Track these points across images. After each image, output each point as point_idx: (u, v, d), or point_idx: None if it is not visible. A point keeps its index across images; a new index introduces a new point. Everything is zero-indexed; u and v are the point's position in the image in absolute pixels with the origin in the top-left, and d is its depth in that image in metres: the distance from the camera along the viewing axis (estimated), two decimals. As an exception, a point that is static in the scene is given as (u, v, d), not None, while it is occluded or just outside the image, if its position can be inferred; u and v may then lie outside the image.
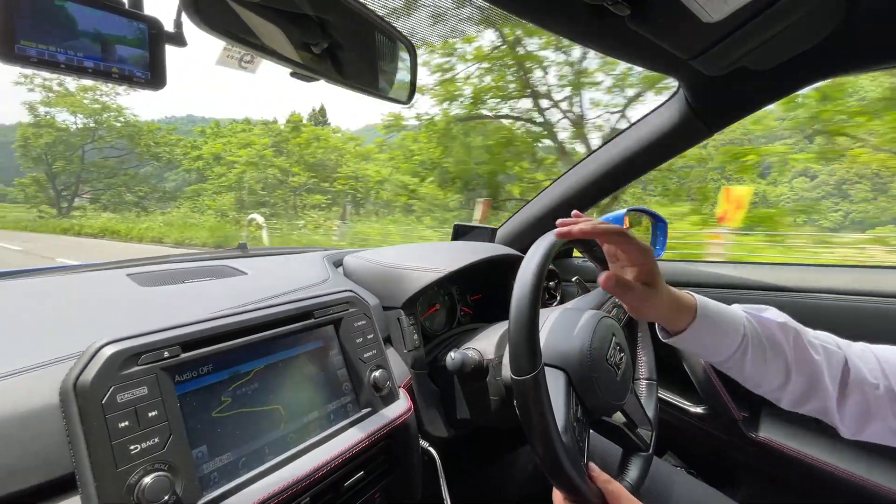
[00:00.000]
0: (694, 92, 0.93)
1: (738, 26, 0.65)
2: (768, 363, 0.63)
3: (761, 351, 0.63)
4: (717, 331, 0.63)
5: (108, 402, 0.46)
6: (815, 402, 0.64)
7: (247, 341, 0.61)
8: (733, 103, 0.93)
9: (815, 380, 0.63)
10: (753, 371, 0.64)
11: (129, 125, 27.66)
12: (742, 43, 0.69)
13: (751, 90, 0.87)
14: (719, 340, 0.64)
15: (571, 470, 0.56)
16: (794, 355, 0.63)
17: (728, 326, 0.63)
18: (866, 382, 0.61)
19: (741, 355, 0.63)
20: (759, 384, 0.66)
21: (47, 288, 0.74)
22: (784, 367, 0.63)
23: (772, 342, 0.63)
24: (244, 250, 1.22)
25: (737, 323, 0.64)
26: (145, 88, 0.43)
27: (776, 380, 0.64)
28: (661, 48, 0.73)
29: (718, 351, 0.64)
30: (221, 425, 0.55)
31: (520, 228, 1.40)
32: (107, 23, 0.40)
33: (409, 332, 0.89)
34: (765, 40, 0.68)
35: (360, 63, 0.62)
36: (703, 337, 0.64)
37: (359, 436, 0.66)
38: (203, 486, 0.51)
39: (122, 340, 0.49)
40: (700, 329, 0.63)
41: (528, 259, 0.61)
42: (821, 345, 0.64)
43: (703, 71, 0.80)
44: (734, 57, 0.73)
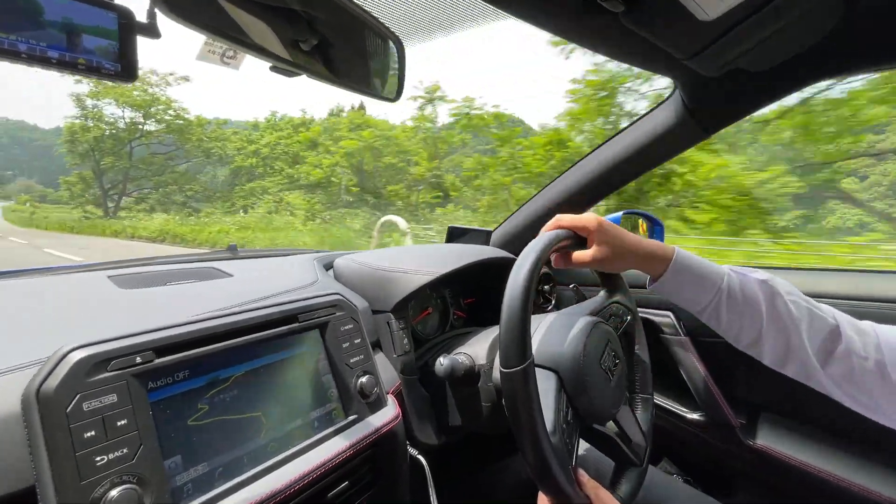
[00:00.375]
0: (690, 93, 0.92)
1: (734, 25, 0.64)
2: (743, 317, 0.68)
3: (735, 303, 0.68)
4: (693, 280, 0.70)
5: (73, 410, 0.44)
6: (795, 363, 0.66)
7: (227, 346, 0.58)
8: (730, 105, 0.91)
9: (791, 338, 0.65)
10: (729, 323, 0.69)
11: (179, 118, 25.70)
12: (738, 43, 0.68)
13: (747, 92, 0.86)
14: (696, 289, 0.70)
15: (559, 472, 0.55)
16: (769, 311, 0.66)
17: (706, 278, 0.69)
18: (855, 353, 0.63)
19: (716, 305, 0.69)
20: (737, 338, 0.70)
21: (22, 290, 0.72)
22: (759, 321, 0.67)
23: (748, 296, 0.67)
24: (234, 252, 1.20)
25: (716, 275, 0.69)
26: (115, 81, 0.41)
27: (751, 333, 0.68)
28: (657, 47, 0.72)
29: (696, 300, 0.70)
30: (197, 434, 0.53)
31: (515, 231, 1.38)
32: (73, 11, 0.38)
33: (399, 337, 0.87)
34: (761, 40, 0.67)
35: (346, 59, 0.60)
36: (680, 285, 0.71)
37: (343, 445, 0.64)
38: (175, 499, 0.48)
39: (90, 346, 0.47)
40: (675, 277, 0.70)
41: (522, 257, 0.60)
42: (806, 307, 0.67)
43: (700, 71, 0.79)
44: (730, 57, 0.72)
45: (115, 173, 26.80)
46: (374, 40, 0.59)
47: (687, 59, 0.74)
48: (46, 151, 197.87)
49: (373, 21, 0.57)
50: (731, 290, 0.68)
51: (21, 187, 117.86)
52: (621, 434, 0.73)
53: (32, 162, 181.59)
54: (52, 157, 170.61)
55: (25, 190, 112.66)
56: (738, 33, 0.66)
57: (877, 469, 0.94)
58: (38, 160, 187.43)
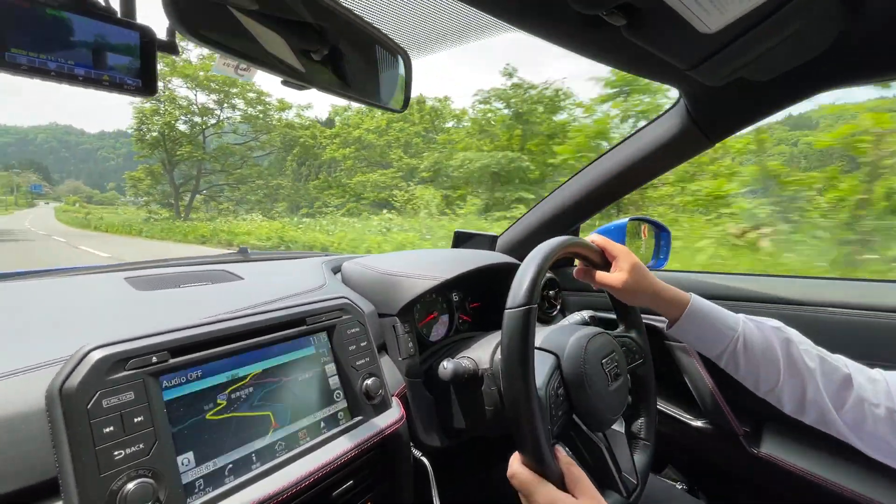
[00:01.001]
0: (694, 102, 0.92)
1: (737, 37, 0.65)
2: (761, 365, 0.70)
3: (753, 351, 0.71)
4: (707, 326, 0.73)
5: (93, 407, 0.46)
6: (813, 410, 0.68)
7: (237, 347, 0.61)
8: (733, 114, 0.92)
9: (807, 385, 0.68)
10: (747, 370, 0.72)
11: (260, 101, 21.12)
12: (740, 54, 0.69)
13: (751, 101, 0.87)
14: (711, 336, 0.73)
15: (540, 431, 0.56)
16: (786, 360, 0.69)
17: (721, 325, 0.73)
18: (867, 401, 0.65)
19: (732, 352, 0.71)
20: (756, 384, 0.73)
21: (45, 290, 0.75)
22: (777, 369, 0.69)
23: (764, 344, 0.70)
24: (245, 254, 1.23)
25: (732, 322, 0.73)
26: (135, 95, 0.43)
27: (769, 381, 0.71)
28: (660, 58, 0.73)
29: (711, 346, 0.74)
30: (208, 432, 0.55)
31: (520, 237, 1.39)
32: (98, 31, 0.41)
33: (404, 340, 0.88)
34: (763, 51, 0.68)
35: (355, 71, 0.62)
36: (696, 331, 0.74)
37: (349, 445, 0.66)
38: (187, 494, 0.51)
39: (110, 345, 0.50)
40: (691, 322, 0.74)
41: (531, 255, 0.64)
42: (818, 355, 0.70)
43: (703, 81, 0.80)
44: (733, 68, 0.73)
45: (189, 166, 23.18)
46: (381, 53, 0.61)
47: (689, 69, 0.75)
48: (91, 154, 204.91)
49: (380, 35, 0.59)
50: (747, 338, 0.71)
51: (70, 188, 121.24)
52: (612, 458, 0.72)
53: (79, 165, 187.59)
54: (96, 160, 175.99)
55: (73, 191, 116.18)
56: (740, 45, 0.66)
57: (883, 480, 0.93)
58: (84, 163, 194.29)
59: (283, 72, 0.52)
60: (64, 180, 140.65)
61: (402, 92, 0.64)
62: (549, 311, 1.32)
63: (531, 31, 0.68)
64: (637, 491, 0.74)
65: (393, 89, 0.64)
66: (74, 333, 0.60)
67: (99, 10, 0.40)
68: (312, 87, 0.55)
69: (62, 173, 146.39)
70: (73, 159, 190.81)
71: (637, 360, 0.85)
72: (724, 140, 0.99)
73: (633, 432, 0.85)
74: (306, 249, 11.28)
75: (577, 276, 0.81)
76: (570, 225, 1.36)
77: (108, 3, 0.41)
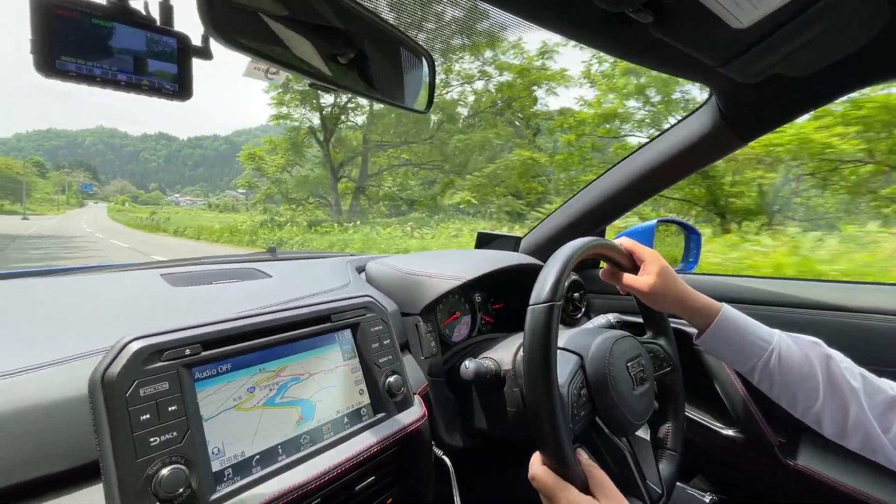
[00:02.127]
0: (726, 100, 0.90)
1: (771, 32, 0.63)
2: (797, 383, 0.66)
3: (789, 368, 0.67)
4: (738, 339, 0.69)
5: (131, 395, 0.48)
6: (858, 433, 0.63)
7: (265, 342, 0.63)
8: (768, 112, 0.89)
9: (850, 406, 0.63)
10: (783, 387, 0.68)
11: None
12: (775, 49, 0.66)
13: (786, 98, 0.83)
14: (741, 349, 0.69)
15: (561, 429, 0.55)
16: (826, 378, 0.65)
17: (753, 338, 0.69)
18: None
19: (764, 367, 0.68)
20: (792, 404, 0.69)
21: (88, 286, 0.79)
22: (816, 388, 0.65)
23: (801, 361, 0.66)
24: (273, 254, 1.27)
25: (765, 336, 0.69)
26: (173, 99, 0.45)
27: (807, 401, 0.66)
28: (690, 55, 0.71)
29: (742, 360, 0.70)
30: (237, 423, 0.57)
31: (544, 238, 1.38)
32: (139, 39, 0.43)
33: (427, 339, 0.89)
34: (799, 46, 0.65)
35: (380, 74, 0.63)
36: (725, 343, 0.71)
37: (371, 441, 0.67)
38: (217, 481, 0.53)
39: (147, 337, 0.52)
40: (720, 334, 0.70)
41: (556, 254, 0.64)
42: (860, 374, 0.65)
43: (735, 78, 0.77)
44: (767, 64, 0.71)
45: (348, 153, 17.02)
46: (406, 55, 0.62)
47: (720, 66, 0.73)
48: (134, 156, 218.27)
49: (404, 37, 0.60)
50: (782, 354, 0.67)
51: (117, 188, 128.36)
52: (636, 464, 0.71)
53: (123, 166, 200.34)
54: (139, 162, 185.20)
55: (120, 190, 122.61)
56: (775, 40, 0.64)
57: None
58: (128, 164, 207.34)
59: (311, 74, 0.54)
60: (111, 181, 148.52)
61: (426, 93, 0.65)
62: (573, 313, 1.31)
63: (555, 30, 0.68)
64: (662, 501, 0.73)
65: (417, 91, 0.65)
66: (115, 326, 0.64)
67: (140, 19, 0.43)
68: (339, 89, 0.57)
69: (108, 174, 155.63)
70: (117, 161, 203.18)
71: (665, 367, 0.83)
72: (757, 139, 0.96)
73: (660, 441, 0.83)
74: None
75: (603, 278, 0.80)
76: (595, 226, 1.34)
77: (148, 12, 0.44)
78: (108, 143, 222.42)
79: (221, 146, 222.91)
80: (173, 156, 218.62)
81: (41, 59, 0.37)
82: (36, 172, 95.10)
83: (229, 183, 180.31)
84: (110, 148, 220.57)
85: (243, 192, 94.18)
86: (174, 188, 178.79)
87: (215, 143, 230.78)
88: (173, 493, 0.47)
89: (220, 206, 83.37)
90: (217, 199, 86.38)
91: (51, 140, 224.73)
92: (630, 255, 0.76)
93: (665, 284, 0.72)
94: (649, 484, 0.71)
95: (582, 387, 0.68)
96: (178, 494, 0.48)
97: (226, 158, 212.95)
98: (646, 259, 0.74)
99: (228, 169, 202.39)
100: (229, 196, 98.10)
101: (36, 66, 0.38)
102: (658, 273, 0.72)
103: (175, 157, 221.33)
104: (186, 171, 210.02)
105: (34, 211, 65.10)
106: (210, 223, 22.25)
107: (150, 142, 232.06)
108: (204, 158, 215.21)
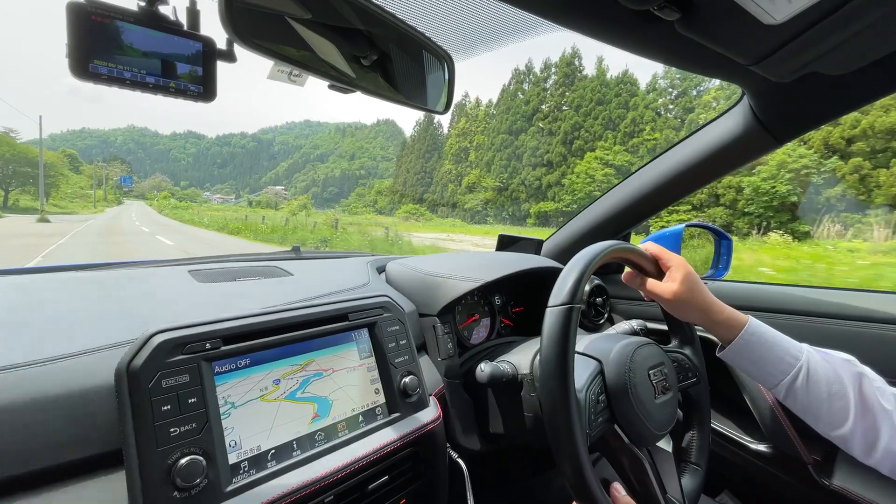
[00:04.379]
0: (759, 100, 0.86)
1: (807, 28, 0.60)
2: (825, 401, 0.64)
3: (817, 384, 0.64)
4: (765, 353, 0.67)
5: (154, 386, 0.50)
6: (889, 458, 0.61)
7: (283, 339, 0.64)
8: (805, 112, 0.84)
9: (881, 428, 0.60)
10: (810, 404, 0.65)
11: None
12: (810, 46, 0.63)
13: (825, 98, 0.79)
14: (768, 364, 0.67)
15: (577, 435, 0.54)
16: (857, 396, 0.62)
17: (781, 353, 0.66)
18: None
19: (791, 383, 0.65)
20: (817, 420, 0.66)
21: (120, 280, 0.83)
22: (846, 407, 0.62)
23: (831, 377, 0.64)
24: (297, 252, 1.29)
25: (793, 351, 0.66)
26: (197, 101, 0.47)
27: (836, 419, 0.64)
28: (719, 53, 0.69)
29: (769, 376, 0.68)
30: (254, 418, 0.58)
31: (567, 241, 1.36)
32: (167, 43, 0.45)
33: (444, 341, 0.89)
34: (838, 43, 0.62)
35: (399, 75, 0.64)
36: (751, 357, 0.68)
37: (384, 440, 0.67)
38: (233, 473, 0.54)
39: (170, 330, 0.54)
40: (746, 347, 0.68)
41: (578, 255, 0.64)
42: (893, 395, 0.62)
43: (769, 77, 0.74)
44: (802, 62, 0.67)
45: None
46: (425, 57, 0.63)
47: (753, 64, 0.70)
48: (164, 154, 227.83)
49: (424, 39, 0.60)
50: (811, 371, 0.65)
51: (152, 184, 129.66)
52: (657, 476, 0.68)
53: (153, 165, 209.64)
54: (169, 160, 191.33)
55: (157, 187, 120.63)
56: (811, 36, 0.61)
57: None
58: (158, 162, 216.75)
59: (332, 77, 0.55)
60: (147, 176, 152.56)
61: (445, 94, 0.65)
62: (595, 319, 1.28)
63: (579, 30, 0.67)
64: None
65: (436, 92, 0.65)
66: (142, 319, 0.66)
67: (168, 24, 0.44)
68: (359, 90, 0.57)
69: (139, 173, 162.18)
70: (148, 159, 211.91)
71: (690, 378, 0.80)
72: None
73: (684, 454, 0.80)
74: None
75: (624, 280, 0.78)
76: (620, 230, 1.31)
77: (176, 17, 0.45)
78: (138, 142, 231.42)
79: (249, 144, 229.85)
80: (202, 154, 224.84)
81: (76, 63, 0.39)
82: (69, 166, 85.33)
83: (259, 180, 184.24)
84: (141, 147, 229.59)
85: (283, 188, 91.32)
86: (203, 186, 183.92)
87: (242, 140, 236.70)
88: (191, 483, 0.49)
89: (262, 203, 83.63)
90: (257, 195, 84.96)
91: (84, 139, 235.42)
92: (656, 260, 0.74)
93: (689, 293, 0.70)
94: (670, 497, 0.69)
95: (600, 392, 0.66)
96: (195, 484, 0.49)
97: (253, 156, 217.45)
98: (672, 265, 0.72)
99: (257, 166, 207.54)
100: (269, 192, 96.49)
101: (71, 69, 0.40)
102: (683, 280, 0.70)
103: (203, 155, 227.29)
104: (215, 169, 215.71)
105: (64, 209, 51.82)
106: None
107: (179, 140, 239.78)
108: (232, 156, 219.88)
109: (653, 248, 0.75)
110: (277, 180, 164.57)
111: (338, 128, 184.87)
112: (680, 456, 0.79)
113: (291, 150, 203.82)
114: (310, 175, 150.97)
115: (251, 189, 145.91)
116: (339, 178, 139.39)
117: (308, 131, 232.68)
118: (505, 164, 40.99)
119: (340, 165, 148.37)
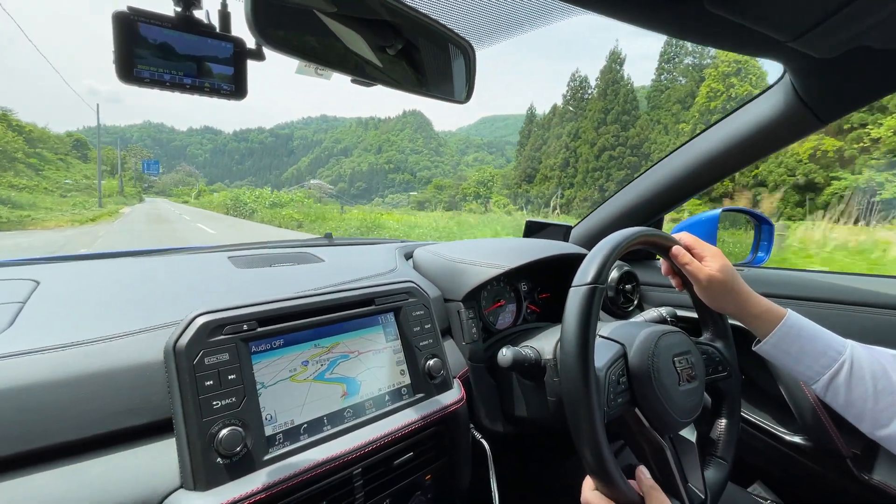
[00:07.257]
0: (801, 77, 0.81)
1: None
2: (871, 399, 0.61)
3: (862, 381, 0.61)
4: (805, 347, 0.65)
5: (198, 363, 0.55)
6: None
7: (314, 321, 0.68)
8: (851, 90, 0.79)
9: None
10: (852, 402, 0.63)
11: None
12: (858, 19, 0.59)
13: (874, 74, 0.74)
14: (808, 359, 0.65)
15: (596, 418, 0.55)
16: None
17: (822, 347, 0.64)
18: None
19: (832, 378, 0.63)
20: (860, 418, 0.63)
21: (166, 266, 0.90)
22: (892, 405, 0.60)
23: (878, 374, 0.61)
24: (330, 239, 1.34)
25: (836, 346, 0.64)
26: (230, 99, 0.50)
27: (883, 419, 0.61)
28: (754, 31, 0.65)
29: (808, 371, 0.66)
30: (288, 394, 0.63)
31: (596, 228, 1.34)
32: (201, 45, 0.48)
33: (468, 325, 0.91)
34: (888, 15, 0.58)
35: (421, 66, 0.65)
36: (789, 351, 0.66)
37: (409, 419, 0.70)
38: (269, 444, 0.59)
39: (211, 313, 0.59)
40: (784, 341, 0.66)
41: (606, 239, 0.65)
42: None
43: (812, 53, 0.70)
44: (849, 35, 0.63)
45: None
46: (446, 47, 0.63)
47: (792, 41, 0.66)
48: (181, 150, 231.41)
49: (444, 29, 0.61)
50: (855, 366, 0.62)
51: (175, 179, 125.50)
52: (678, 465, 0.68)
53: (171, 161, 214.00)
54: (186, 156, 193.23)
55: (181, 181, 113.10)
56: (857, 8, 0.57)
57: None
58: (175, 159, 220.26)
59: (354, 71, 0.56)
60: (173, 168, 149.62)
61: (466, 84, 0.66)
62: (624, 305, 1.26)
63: (603, 12, 0.65)
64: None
65: (458, 82, 0.66)
66: (187, 301, 0.72)
67: (202, 27, 0.47)
68: (381, 83, 0.59)
69: (164, 170, 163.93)
70: (165, 156, 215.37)
71: (721, 372, 0.79)
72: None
73: (710, 448, 0.78)
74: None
75: (665, 274, 0.79)
76: (652, 216, 1.27)
77: (209, 20, 0.48)
78: (154, 139, 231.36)
79: (267, 139, 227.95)
80: (219, 150, 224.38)
81: (122, 69, 0.43)
82: (77, 155, 67.86)
83: (280, 176, 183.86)
84: (157, 143, 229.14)
85: (328, 182, 79.83)
86: (223, 182, 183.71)
87: (260, 135, 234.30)
88: (232, 451, 0.54)
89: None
90: (289, 191, 76.69)
91: (102, 136, 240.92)
92: (690, 251, 0.73)
93: (725, 282, 0.69)
94: (691, 487, 0.69)
95: (622, 374, 0.66)
96: (235, 452, 0.54)
97: (272, 151, 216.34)
98: (706, 255, 0.71)
99: (277, 162, 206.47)
100: (310, 186, 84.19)
101: (117, 74, 0.43)
102: (720, 269, 0.69)
103: (221, 151, 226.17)
104: (233, 165, 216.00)
105: (56, 210, 25.82)
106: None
107: (195, 136, 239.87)
108: (250, 152, 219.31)
109: (687, 238, 0.73)
110: (300, 175, 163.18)
111: (359, 121, 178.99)
112: (706, 448, 0.79)
113: (311, 145, 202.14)
114: (335, 170, 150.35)
115: (272, 185, 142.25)
116: (366, 173, 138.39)
117: (326, 126, 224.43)
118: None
119: (367, 159, 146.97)
